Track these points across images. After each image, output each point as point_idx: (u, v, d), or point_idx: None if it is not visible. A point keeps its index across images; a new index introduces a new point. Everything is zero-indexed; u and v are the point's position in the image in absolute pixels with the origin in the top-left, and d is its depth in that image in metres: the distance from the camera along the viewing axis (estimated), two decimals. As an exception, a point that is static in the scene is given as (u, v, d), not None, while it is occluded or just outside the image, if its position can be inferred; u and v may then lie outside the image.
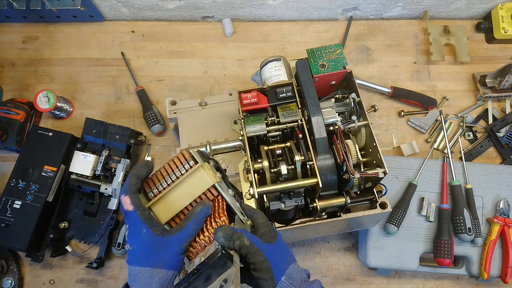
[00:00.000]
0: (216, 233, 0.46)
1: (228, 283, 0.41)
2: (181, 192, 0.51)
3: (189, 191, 0.51)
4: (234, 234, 0.46)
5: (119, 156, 0.92)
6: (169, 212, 0.51)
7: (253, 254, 0.46)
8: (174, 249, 0.47)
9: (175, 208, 0.51)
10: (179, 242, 0.47)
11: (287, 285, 0.47)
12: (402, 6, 1.08)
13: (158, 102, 1.04)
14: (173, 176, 0.51)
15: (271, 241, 0.49)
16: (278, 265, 0.47)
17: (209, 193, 0.52)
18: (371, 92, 1.06)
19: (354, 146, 0.67)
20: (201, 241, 0.50)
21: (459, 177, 0.90)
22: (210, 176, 0.51)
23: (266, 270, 0.46)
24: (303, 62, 0.72)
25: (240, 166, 0.79)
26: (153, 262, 0.47)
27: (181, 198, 0.51)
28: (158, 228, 0.48)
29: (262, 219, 0.52)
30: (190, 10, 1.07)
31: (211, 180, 0.50)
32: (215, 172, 0.53)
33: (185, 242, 0.48)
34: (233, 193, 0.54)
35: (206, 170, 0.51)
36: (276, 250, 0.48)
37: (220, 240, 0.46)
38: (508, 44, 1.10)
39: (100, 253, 0.90)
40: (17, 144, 0.93)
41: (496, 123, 1.01)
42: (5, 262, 0.90)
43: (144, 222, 0.48)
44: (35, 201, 0.86)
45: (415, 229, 0.88)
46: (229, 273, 0.42)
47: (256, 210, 0.54)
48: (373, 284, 0.93)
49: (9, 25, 1.08)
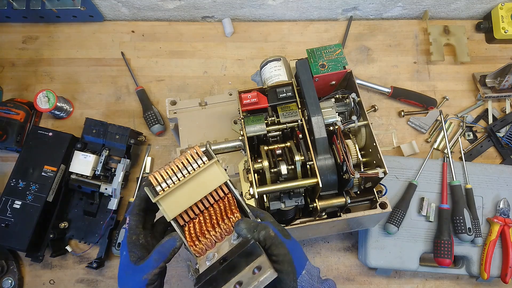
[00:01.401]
0: (238, 225, 0.46)
1: (263, 270, 0.41)
2: (192, 188, 0.50)
3: (201, 187, 0.50)
4: (259, 225, 0.46)
5: (119, 156, 0.93)
6: (177, 207, 0.50)
7: (277, 246, 0.46)
8: (137, 279, 0.46)
9: (184, 204, 0.50)
10: (141, 272, 0.46)
11: (307, 279, 0.47)
12: (402, 6, 1.08)
13: (158, 102, 1.04)
14: (185, 171, 0.50)
15: (288, 237, 0.49)
16: (298, 259, 0.47)
17: (220, 190, 0.51)
18: (371, 92, 1.06)
19: (354, 146, 0.67)
20: (211, 237, 0.50)
21: (459, 177, 0.90)
22: (223, 172, 0.50)
23: (288, 263, 0.46)
24: (303, 62, 0.72)
25: (240, 166, 0.79)
26: (122, 285, 0.48)
27: (191, 194, 0.50)
28: (135, 254, 0.48)
29: (271, 218, 0.52)
30: (190, 10, 1.07)
31: (224, 176, 0.50)
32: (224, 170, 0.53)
33: (147, 274, 0.46)
34: (239, 193, 0.54)
35: (220, 167, 0.50)
36: (294, 246, 0.48)
37: (243, 231, 0.46)
38: (508, 44, 1.10)
39: (100, 253, 0.90)
40: (17, 144, 0.93)
41: (496, 123, 1.01)
42: (5, 262, 0.90)
43: (127, 245, 0.48)
44: (35, 201, 0.86)
45: (415, 229, 0.88)
46: (262, 260, 0.42)
47: (263, 211, 0.54)
48: (373, 284, 0.93)
49: (9, 25, 1.08)
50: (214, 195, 0.52)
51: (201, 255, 0.51)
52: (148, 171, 0.97)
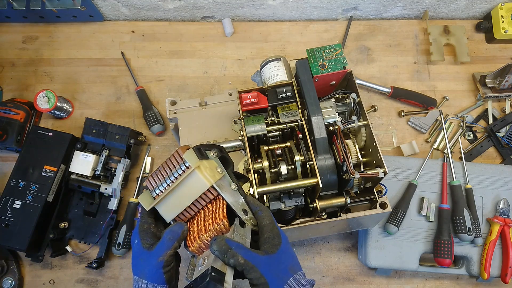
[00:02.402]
0: (211, 245, 0.46)
1: None
2: (181, 194, 0.50)
3: (188, 192, 0.50)
4: (229, 251, 0.45)
5: (119, 156, 0.93)
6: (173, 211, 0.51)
7: (249, 271, 0.45)
8: (153, 263, 0.47)
9: (178, 208, 0.51)
10: (156, 255, 0.48)
11: None
12: (402, 6, 1.08)
13: (158, 102, 1.04)
14: (172, 177, 0.51)
15: (272, 251, 0.48)
16: (276, 279, 0.46)
17: (209, 193, 0.51)
18: (371, 92, 1.06)
19: (354, 146, 0.67)
20: (204, 240, 0.50)
21: (459, 177, 0.90)
22: (206, 177, 0.49)
23: (262, 285, 0.45)
24: (303, 62, 0.72)
25: (240, 166, 0.79)
26: (138, 272, 0.49)
27: (181, 200, 0.51)
28: (147, 241, 0.49)
29: (268, 219, 0.51)
30: (190, 10, 1.07)
31: (208, 182, 0.50)
32: (215, 169, 0.51)
33: (162, 255, 0.47)
34: (235, 187, 0.52)
35: (203, 172, 0.49)
36: (277, 262, 0.47)
37: (215, 253, 0.46)
38: (508, 44, 1.10)
39: (100, 253, 0.90)
40: (17, 144, 0.93)
41: (496, 123, 1.01)
42: (5, 262, 0.90)
43: (139, 234, 0.50)
44: (35, 201, 0.86)
45: (415, 229, 0.88)
46: None
47: (262, 206, 0.53)
48: (373, 284, 0.93)
49: (9, 25, 1.08)
50: (205, 198, 0.51)
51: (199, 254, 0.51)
52: (148, 171, 0.97)
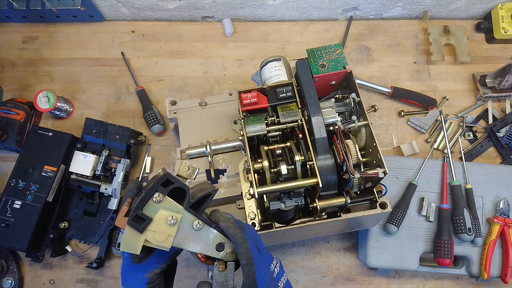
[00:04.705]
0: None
1: None
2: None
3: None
4: None
5: (119, 156, 0.92)
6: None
7: None
8: (138, 277, 0.48)
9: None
10: (142, 271, 0.48)
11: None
12: (402, 6, 1.08)
13: (158, 102, 1.04)
14: None
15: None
16: None
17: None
18: (371, 92, 1.06)
19: (354, 146, 0.67)
20: None
21: (459, 177, 0.90)
22: (160, 247, 0.46)
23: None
24: (303, 62, 0.72)
25: (240, 166, 0.79)
26: (125, 284, 0.49)
27: None
28: (137, 256, 0.48)
29: (244, 258, 0.46)
30: (190, 10, 1.07)
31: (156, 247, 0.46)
32: (165, 224, 0.45)
33: (148, 272, 0.47)
34: (199, 224, 0.47)
35: (143, 243, 0.45)
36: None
37: None
38: (508, 44, 1.10)
39: (100, 253, 0.90)
40: (17, 144, 0.93)
41: (496, 123, 1.01)
42: (5, 262, 0.90)
43: None
44: (35, 201, 0.86)
45: (415, 229, 0.88)
46: None
47: (238, 234, 0.47)
48: (373, 284, 0.93)
49: (9, 25, 1.08)
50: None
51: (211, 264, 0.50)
52: (148, 171, 0.97)
